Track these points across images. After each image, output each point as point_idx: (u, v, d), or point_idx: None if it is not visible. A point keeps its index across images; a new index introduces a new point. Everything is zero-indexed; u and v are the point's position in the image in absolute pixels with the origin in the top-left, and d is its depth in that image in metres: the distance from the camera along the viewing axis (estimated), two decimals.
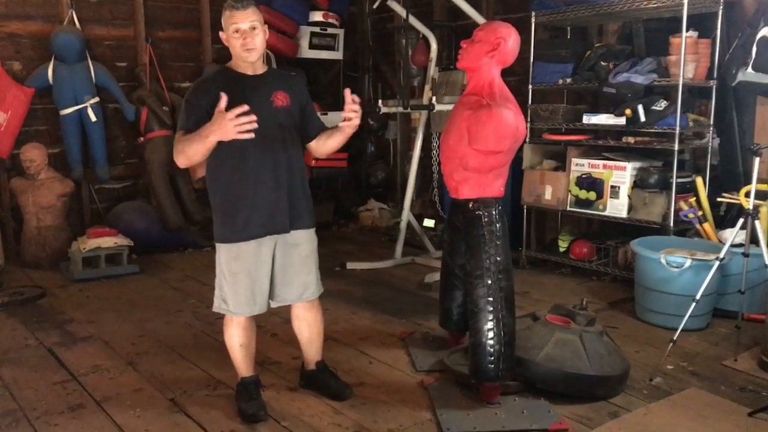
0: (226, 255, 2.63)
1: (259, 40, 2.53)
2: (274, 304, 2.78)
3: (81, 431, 2.62)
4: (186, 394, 2.92)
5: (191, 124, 2.47)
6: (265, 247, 2.62)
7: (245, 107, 2.29)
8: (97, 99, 5.27)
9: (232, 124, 2.27)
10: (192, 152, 2.42)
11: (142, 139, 5.49)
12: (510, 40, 2.83)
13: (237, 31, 2.50)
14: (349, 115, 2.53)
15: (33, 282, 4.64)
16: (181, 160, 2.49)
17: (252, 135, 2.33)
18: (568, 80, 4.56)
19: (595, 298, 4.12)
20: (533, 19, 4.67)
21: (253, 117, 2.30)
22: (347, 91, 2.54)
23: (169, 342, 3.53)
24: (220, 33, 2.59)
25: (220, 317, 2.88)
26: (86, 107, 5.21)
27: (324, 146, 2.74)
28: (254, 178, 2.56)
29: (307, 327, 2.88)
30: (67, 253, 4.90)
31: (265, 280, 2.66)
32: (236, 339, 2.71)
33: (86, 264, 4.73)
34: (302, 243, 2.71)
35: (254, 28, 2.51)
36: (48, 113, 5.28)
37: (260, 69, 2.63)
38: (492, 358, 2.68)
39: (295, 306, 2.82)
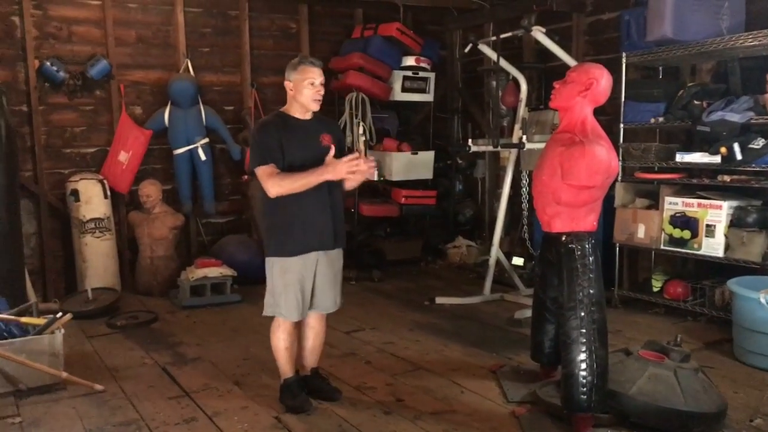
0: (279, 268, 3.03)
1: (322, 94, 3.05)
2: (312, 312, 3.17)
3: None
4: (289, 413, 3.10)
5: (277, 158, 2.94)
6: (310, 262, 3.05)
7: (356, 154, 2.96)
8: (206, 140, 5.71)
9: (346, 168, 2.90)
10: (299, 186, 2.92)
11: (246, 177, 5.84)
12: (602, 80, 2.94)
13: (312, 84, 2.99)
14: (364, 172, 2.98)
15: (146, 307, 5.01)
16: (280, 191, 2.93)
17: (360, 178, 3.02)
18: (660, 119, 4.56)
19: (690, 338, 4.03)
20: (624, 60, 4.71)
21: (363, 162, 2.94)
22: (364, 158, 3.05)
23: (270, 366, 3.70)
24: (286, 82, 3.04)
25: None
26: (197, 147, 5.65)
27: None
28: (308, 202, 2.99)
29: (314, 335, 3.27)
30: (176, 281, 5.28)
31: (309, 291, 3.07)
32: (282, 342, 3.12)
33: (193, 292, 5.08)
34: (337, 260, 3.17)
35: (323, 84, 3.03)
36: (163, 153, 5.76)
37: (309, 115, 3.10)
38: (584, 389, 2.73)
39: (310, 315, 3.19)
